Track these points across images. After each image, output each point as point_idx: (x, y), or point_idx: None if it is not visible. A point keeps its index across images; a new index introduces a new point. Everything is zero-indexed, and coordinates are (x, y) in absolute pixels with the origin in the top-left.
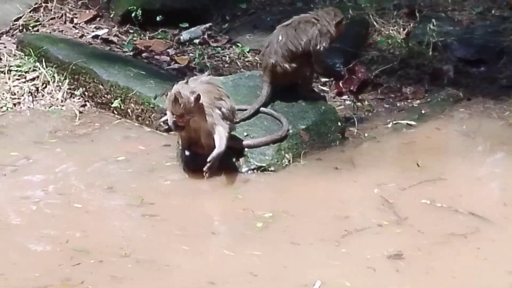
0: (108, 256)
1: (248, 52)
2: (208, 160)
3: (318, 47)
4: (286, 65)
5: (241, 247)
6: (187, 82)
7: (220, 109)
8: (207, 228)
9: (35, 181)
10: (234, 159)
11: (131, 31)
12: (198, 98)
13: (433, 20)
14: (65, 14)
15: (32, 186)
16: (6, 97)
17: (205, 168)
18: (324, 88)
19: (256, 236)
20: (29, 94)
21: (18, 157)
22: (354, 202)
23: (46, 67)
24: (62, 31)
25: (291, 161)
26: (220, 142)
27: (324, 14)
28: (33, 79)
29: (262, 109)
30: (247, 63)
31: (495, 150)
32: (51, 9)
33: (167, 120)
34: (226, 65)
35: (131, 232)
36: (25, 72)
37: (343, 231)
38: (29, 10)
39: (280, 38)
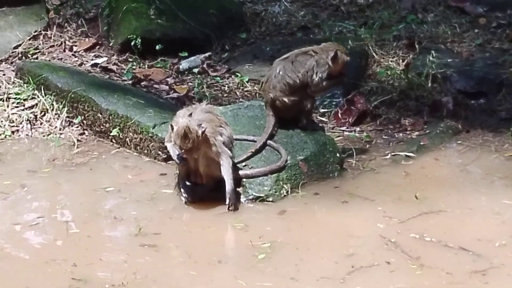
0: (107, 286)
1: (247, 82)
2: (227, 197)
3: (314, 77)
4: (285, 99)
5: (247, 278)
6: (191, 115)
7: (221, 135)
8: (206, 259)
9: (31, 209)
10: None
11: (130, 59)
12: (205, 131)
13: (433, 52)
14: (65, 42)
15: (27, 213)
16: (5, 125)
17: (229, 207)
18: (323, 119)
19: (258, 266)
20: (28, 122)
21: (14, 185)
22: (354, 236)
23: (45, 95)
24: (61, 59)
25: (289, 192)
26: (228, 176)
27: (323, 48)
28: (31, 107)
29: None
30: (246, 93)
31: (494, 183)
32: (51, 37)
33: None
34: (225, 95)
35: (130, 262)
36: (24, 100)
37: (348, 267)
38: (28, 37)
39: (278, 72)
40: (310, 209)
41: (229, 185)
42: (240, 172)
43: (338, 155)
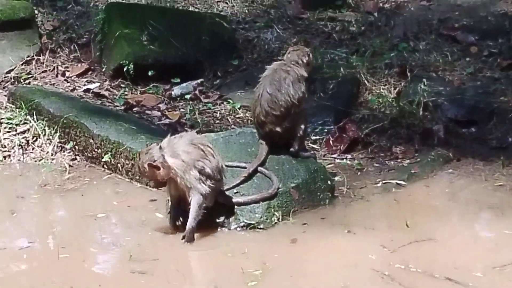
0: None
1: (239, 108)
2: (183, 234)
3: (298, 95)
4: (278, 129)
5: None
6: (160, 147)
7: (200, 170)
8: (197, 285)
9: (20, 234)
10: (223, 216)
11: (122, 85)
12: (152, 165)
13: (424, 80)
14: (57, 67)
15: (17, 238)
16: None
17: (183, 240)
18: (315, 146)
19: None
20: (20, 147)
21: (3, 210)
22: (348, 266)
23: (37, 120)
24: (53, 84)
25: (280, 219)
26: (192, 213)
27: (291, 59)
28: (24, 132)
29: (259, 168)
30: (238, 120)
31: (483, 212)
32: (43, 62)
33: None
34: (217, 121)
35: None
36: (16, 125)
37: None
38: (21, 62)
39: (264, 98)
40: (302, 237)
41: (190, 223)
42: (232, 200)
43: (329, 182)
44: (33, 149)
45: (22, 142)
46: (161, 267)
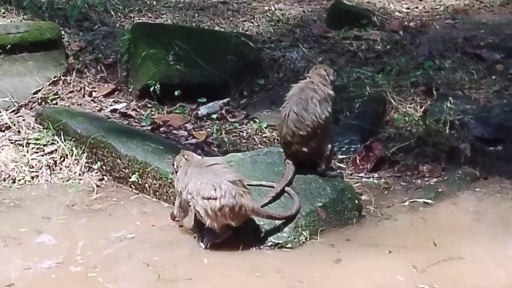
0: None
1: (265, 128)
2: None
3: (325, 115)
4: (305, 149)
5: None
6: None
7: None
8: None
9: (47, 254)
10: (250, 235)
11: (149, 105)
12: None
13: (450, 98)
14: (84, 88)
15: (44, 259)
16: (24, 170)
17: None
18: (341, 165)
19: None
20: (47, 167)
21: (30, 231)
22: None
23: (65, 140)
24: (80, 104)
25: (308, 238)
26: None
27: (318, 76)
28: (51, 152)
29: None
30: (264, 139)
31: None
32: (70, 83)
33: None
34: (244, 141)
35: None
36: (44, 145)
37: None
38: (48, 83)
39: (290, 119)
40: (330, 257)
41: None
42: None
43: (356, 201)
44: (60, 169)
45: (50, 163)
46: (189, 287)
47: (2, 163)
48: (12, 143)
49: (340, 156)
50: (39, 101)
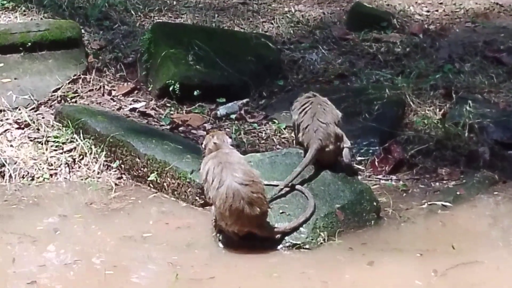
0: None
1: (284, 128)
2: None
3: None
4: (332, 147)
5: None
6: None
7: None
8: None
9: (65, 252)
10: None
11: (168, 104)
12: None
13: (470, 102)
14: (103, 86)
15: (61, 255)
16: (43, 168)
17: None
18: (360, 167)
19: None
20: (66, 165)
21: (48, 228)
22: None
23: (84, 138)
24: (100, 103)
25: (326, 240)
26: None
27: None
28: (70, 150)
29: (297, 186)
30: (283, 140)
31: None
32: (90, 81)
33: None
34: (262, 141)
35: None
36: (63, 143)
37: None
38: (67, 81)
39: (317, 121)
40: (347, 258)
41: None
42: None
43: (375, 204)
44: (79, 167)
45: (69, 161)
46: (208, 287)
47: (21, 161)
48: (31, 140)
49: (359, 158)
50: (59, 99)
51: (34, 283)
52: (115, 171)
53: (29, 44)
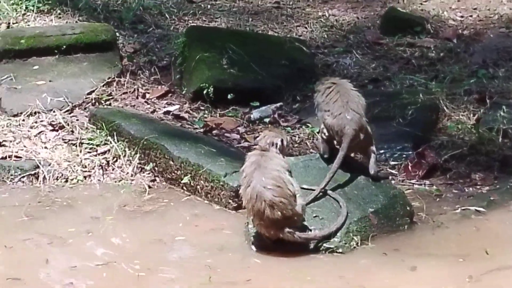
0: None
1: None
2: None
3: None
4: (362, 136)
5: None
6: None
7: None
8: None
9: (97, 253)
10: None
11: (202, 108)
12: None
13: (504, 107)
14: (138, 89)
15: (93, 257)
16: (77, 170)
17: None
18: (393, 171)
19: None
20: (100, 167)
21: (80, 230)
22: None
23: (118, 141)
24: (134, 106)
25: (359, 244)
26: None
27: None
28: (104, 153)
29: (329, 192)
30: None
31: None
32: (124, 84)
33: None
34: (296, 145)
35: None
36: (97, 146)
37: None
38: (102, 84)
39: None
40: (381, 262)
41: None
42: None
43: (408, 208)
44: (113, 169)
45: (103, 163)
46: None
47: (55, 162)
48: (65, 142)
49: (392, 163)
50: (93, 101)
51: (71, 285)
52: (149, 173)
53: (64, 47)
